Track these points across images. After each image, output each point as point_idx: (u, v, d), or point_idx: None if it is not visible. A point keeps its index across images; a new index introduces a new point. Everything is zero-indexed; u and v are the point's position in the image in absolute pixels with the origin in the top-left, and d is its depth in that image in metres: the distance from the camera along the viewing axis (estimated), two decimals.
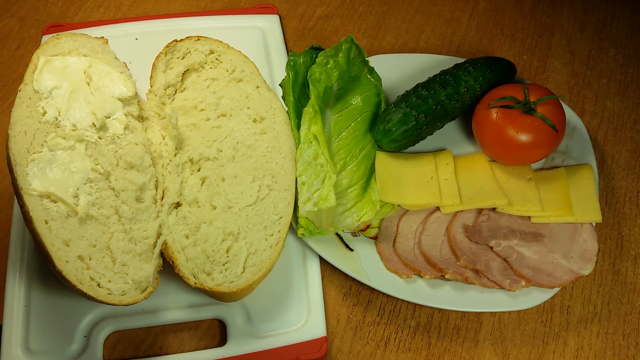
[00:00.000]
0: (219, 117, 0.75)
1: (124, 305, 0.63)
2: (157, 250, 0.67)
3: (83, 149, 0.67)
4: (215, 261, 0.66)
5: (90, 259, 0.63)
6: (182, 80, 0.78)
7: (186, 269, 0.66)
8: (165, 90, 0.77)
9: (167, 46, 0.79)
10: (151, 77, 0.77)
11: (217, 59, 0.79)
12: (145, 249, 0.66)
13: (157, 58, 0.78)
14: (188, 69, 0.78)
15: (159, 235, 0.67)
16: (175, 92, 0.78)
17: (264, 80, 0.78)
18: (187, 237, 0.68)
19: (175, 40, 0.79)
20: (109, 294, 0.62)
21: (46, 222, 0.62)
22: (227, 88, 0.77)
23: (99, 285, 0.62)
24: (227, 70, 0.78)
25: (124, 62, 0.75)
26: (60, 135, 0.66)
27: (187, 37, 0.80)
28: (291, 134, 0.75)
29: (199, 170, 0.72)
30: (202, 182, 0.71)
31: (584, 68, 0.93)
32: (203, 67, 0.79)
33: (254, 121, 0.75)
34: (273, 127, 0.74)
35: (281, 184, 0.71)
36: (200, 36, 0.80)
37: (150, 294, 0.65)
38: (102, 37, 0.76)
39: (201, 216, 0.69)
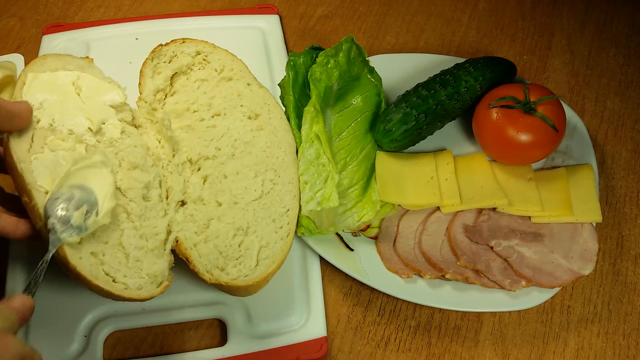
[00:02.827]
0: (213, 116, 0.74)
1: (141, 300, 0.62)
2: (168, 246, 0.66)
3: (83, 151, 0.67)
4: (229, 256, 0.66)
5: (103, 255, 0.62)
6: (171, 84, 0.77)
7: (200, 265, 0.65)
8: (155, 95, 0.76)
9: (153, 51, 0.77)
10: (140, 84, 0.76)
11: (204, 59, 0.78)
12: (156, 245, 0.66)
13: (144, 64, 0.77)
14: (176, 72, 0.77)
15: (169, 232, 0.67)
16: (166, 96, 0.77)
17: (255, 77, 0.77)
18: (197, 234, 0.67)
19: (161, 45, 0.78)
20: (125, 288, 0.62)
21: None
22: (218, 88, 0.76)
23: (114, 280, 0.62)
24: (216, 70, 0.77)
25: (109, 77, 0.74)
26: (59, 138, 0.66)
27: (172, 40, 0.78)
28: (289, 129, 0.75)
29: (199, 170, 0.72)
30: (204, 181, 0.71)
31: (584, 68, 0.93)
32: (191, 69, 0.78)
33: (249, 118, 0.75)
34: (269, 122, 0.74)
35: (284, 177, 0.71)
36: (186, 38, 0.79)
37: (166, 287, 0.64)
38: (87, 56, 0.75)
39: (208, 213, 0.69)
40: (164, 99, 0.76)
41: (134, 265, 0.64)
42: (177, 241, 0.67)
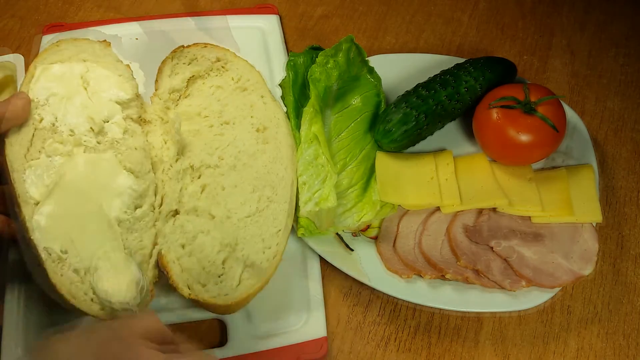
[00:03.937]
0: (222, 124, 0.74)
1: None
2: (152, 260, 0.66)
3: (82, 154, 0.66)
4: (211, 272, 0.65)
5: (85, 273, 0.62)
6: (187, 86, 0.78)
7: (180, 279, 0.64)
8: (170, 94, 0.76)
9: (174, 51, 0.78)
10: (156, 80, 0.77)
11: (223, 66, 0.78)
12: (140, 260, 0.65)
13: (163, 62, 0.78)
14: (193, 75, 0.78)
15: (154, 245, 0.66)
16: (180, 97, 0.77)
17: (269, 90, 0.77)
18: (183, 247, 0.66)
19: (182, 46, 0.79)
20: (101, 309, 0.61)
21: None
22: (232, 96, 0.76)
23: (92, 300, 0.61)
24: (233, 79, 0.77)
25: (127, 65, 0.74)
26: (57, 141, 0.66)
27: (194, 44, 0.79)
28: (293, 145, 0.73)
29: (199, 178, 0.71)
30: (202, 190, 0.70)
31: (584, 68, 0.93)
32: (209, 74, 0.78)
33: (257, 131, 0.74)
34: (275, 137, 0.73)
35: (281, 195, 0.70)
36: (208, 43, 0.79)
37: (144, 306, 0.63)
38: (105, 40, 0.75)
39: (199, 225, 0.68)
40: (178, 100, 0.76)
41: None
42: (160, 254, 0.66)
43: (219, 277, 0.65)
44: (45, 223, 0.61)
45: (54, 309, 0.69)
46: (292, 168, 0.72)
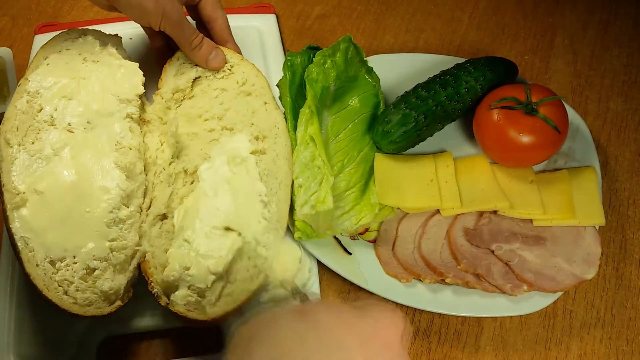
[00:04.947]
0: (221, 129, 0.72)
1: (89, 317, 0.61)
2: (134, 262, 0.64)
3: (79, 152, 0.65)
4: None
5: (61, 262, 0.61)
6: (192, 86, 0.76)
7: (160, 287, 0.63)
8: (173, 94, 0.75)
9: (181, 51, 0.77)
10: (160, 79, 0.76)
11: (229, 69, 0.77)
12: (121, 260, 0.63)
13: (169, 62, 0.77)
14: (199, 77, 0.76)
15: (137, 247, 0.65)
16: (184, 98, 0.75)
17: (273, 97, 0.75)
18: (166, 253, 0.65)
19: None
20: (73, 303, 0.60)
21: None
22: (235, 100, 0.74)
23: (65, 293, 0.60)
24: (238, 83, 0.76)
25: (134, 62, 0.73)
26: (53, 138, 0.65)
27: None
28: (290, 158, 0.71)
29: (192, 183, 0.70)
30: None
31: (586, 68, 0.92)
32: (214, 76, 0.76)
33: (256, 138, 0.72)
34: (273, 148, 0.71)
35: (274, 213, 0.67)
36: (216, 45, 0.78)
37: (118, 307, 0.62)
38: (109, 36, 0.74)
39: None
40: (181, 101, 0.75)
41: (90, 279, 0.62)
42: (144, 258, 0.65)
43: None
44: (27, 213, 0.61)
45: (46, 314, 0.68)
46: (285, 183, 0.70)
